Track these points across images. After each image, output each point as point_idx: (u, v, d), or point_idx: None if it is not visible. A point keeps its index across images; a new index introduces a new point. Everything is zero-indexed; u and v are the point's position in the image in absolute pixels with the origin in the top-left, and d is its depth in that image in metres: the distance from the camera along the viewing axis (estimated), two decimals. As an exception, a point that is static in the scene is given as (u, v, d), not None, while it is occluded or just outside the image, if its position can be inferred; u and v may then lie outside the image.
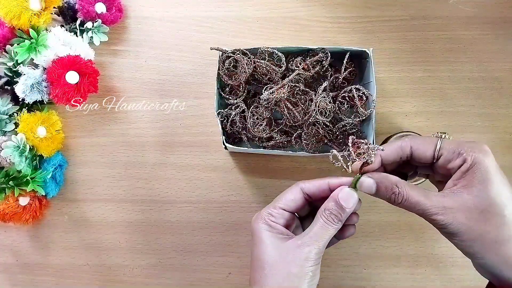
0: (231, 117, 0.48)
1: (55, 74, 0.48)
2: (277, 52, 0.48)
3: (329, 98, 0.47)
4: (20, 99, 0.49)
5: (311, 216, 0.40)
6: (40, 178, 0.49)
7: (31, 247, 0.52)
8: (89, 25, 0.52)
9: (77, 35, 0.52)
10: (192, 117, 0.53)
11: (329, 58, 0.48)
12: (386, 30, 0.55)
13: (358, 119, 0.48)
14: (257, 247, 0.36)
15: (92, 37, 0.53)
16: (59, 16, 0.53)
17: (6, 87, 0.50)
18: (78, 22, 0.52)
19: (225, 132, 0.49)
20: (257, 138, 0.49)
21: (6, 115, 0.49)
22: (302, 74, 0.47)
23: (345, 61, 0.48)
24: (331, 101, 0.48)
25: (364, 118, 0.48)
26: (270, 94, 0.46)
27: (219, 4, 0.55)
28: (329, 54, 0.48)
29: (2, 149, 0.47)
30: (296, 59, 0.48)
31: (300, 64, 0.48)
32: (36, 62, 0.49)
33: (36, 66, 0.50)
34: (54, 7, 0.51)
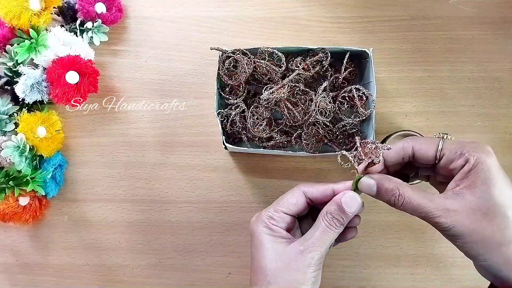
0: (231, 117, 0.48)
1: (55, 74, 0.48)
2: (277, 52, 0.48)
3: (329, 98, 0.47)
4: (20, 99, 0.49)
5: (309, 215, 0.40)
6: (40, 178, 0.49)
7: (31, 247, 0.52)
8: (89, 25, 0.52)
9: (77, 35, 0.52)
10: (192, 117, 0.53)
11: (329, 58, 0.48)
12: (386, 30, 0.55)
13: (358, 119, 0.48)
14: (258, 251, 0.36)
15: (92, 37, 0.53)
16: (59, 16, 0.53)
17: (6, 87, 0.50)
18: (78, 22, 0.52)
19: (225, 132, 0.49)
20: (257, 138, 0.49)
21: (6, 115, 0.49)
22: (302, 74, 0.47)
23: (345, 61, 0.48)
24: (331, 101, 0.48)
25: (364, 118, 0.48)
26: (270, 94, 0.46)
27: (219, 4, 0.55)
28: (329, 54, 0.48)
29: (2, 149, 0.47)
30: (296, 59, 0.48)
31: (300, 64, 0.48)
32: (36, 62, 0.49)
33: (36, 66, 0.50)
34: (54, 7, 0.51)
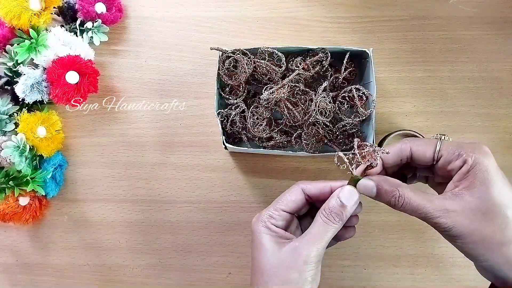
0: (231, 117, 0.48)
1: (55, 74, 0.48)
2: (277, 52, 0.48)
3: (329, 98, 0.48)
4: (20, 99, 0.49)
5: (310, 214, 0.40)
6: (40, 178, 0.49)
7: (31, 247, 0.52)
8: (89, 25, 0.52)
9: (77, 35, 0.52)
10: (192, 117, 0.53)
11: (329, 58, 0.48)
12: (386, 30, 0.55)
13: (358, 119, 0.48)
14: (257, 251, 0.36)
15: (92, 37, 0.53)
16: (59, 16, 0.53)
17: (6, 87, 0.50)
18: (78, 22, 0.52)
19: (225, 132, 0.49)
20: (257, 138, 0.49)
21: (6, 115, 0.49)
22: (302, 74, 0.47)
23: (345, 61, 0.48)
24: (331, 101, 0.48)
25: (364, 118, 0.48)
26: (270, 94, 0.46)
27: (219, 4, 0.55)
28: (329, 54, 0.48)
29: (2, 149, 0.47)
30: (296, 59, 0.48)
31: (300, 64, 0.48)
32: (36, 62, 0.49)
33: (36, 66, 0.50)
34: (54, 7, 0.51)
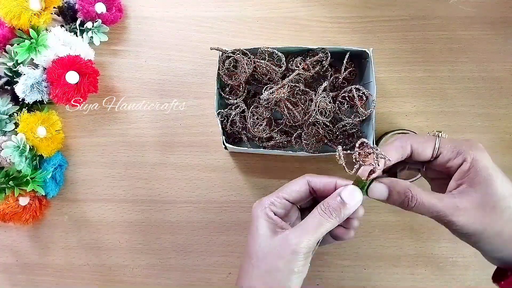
0: (231, 117, 0.48)
1: (55, 74, 0.48)
2: (277, 52, 0.48)
3: (329, 98, 0.48)
4: (20, 99, 0.49)
5: (312, 208, 0.40)
6: (40, 178, 0.49)
7: (31, 247, 0.52)
8: (89, 25, 0.52)
9: (77, 35, 0.52)
10: (192, 117, 0.53)
11: (329, 58, 0.48)
12: (386, 30, 0.55)
13: (358, 119, 0.48)
14: (251, 235, 0.36)
15: (92, 37, 0.53)
16: (59, 16, 0.53)
17: (6, 87, 0.50)
18: (78, 22, 0.52)
19: (225, 132, 0.49)
20: (257, 138, 0.49)
21: (6, 115, 0.49)
22: (302, 74, 0.47)
23: (345, 61, 0.48)
24: (331, 101, 0.48)
25: (364, 118, 0.48)
26: (270, 94, 0.46)
27: (219, 4, 0.55)
28: (329, 54, 0.48)
29: (2, 149, 0.47)
30: (296, 59, 0.48)
31: (300, 64, 0.48)
32: (36, 62, 0.49)
33: (36, 66, 0.50)
34: (54, 7, 0.51)
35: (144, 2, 0.56)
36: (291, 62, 0.48)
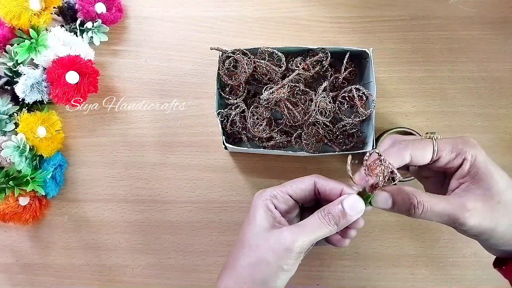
0: (231, 117, 0.48)
1: (55, 74, 0.48)
2: (277, 52, 0.48)
3: (329, 98, 0.48)
4: (20, 99, 0.49)
5: (314, 210, 0.40)
6: (40, 178, 0.49)
7: (31, 247, 0.52)
8: (89, 25, 0.52)
9: (77, 35, 0.52)
10: (192, 117, 0.53)
11: (329, 58, 0.48)
12: (386, 30, 0.55)
13: (358, 119, 0.48)
14: (247, 223, 0.36)
15: (92, 37, 0.53)
16: (59, 16, 0.53)
17: (6, 87, 0.50)
18: (78, 22, 0.52)
19: (225, 132, 0.49)
20: (257, 138, 0.49)
21: (6, 115, 0.49)
22: (302, 74, 0.47)
23: (345, 61, 0.48)
24: (331, 101, 0.48)
25: (364, 118, 0.48)
26: (270, 94, 0.46)
27: (219, 4, 0.55)
28: (329, 54, 0.48)
29: (2, 149, 0.47)
30: (296, 59, 0.48)
31: (300, 64, 0.48)
32: (36, 62, 0.49)
33: (36, 66, 0.50)
34: (54, 7, 0.51)
35: (144, 2, 0.56)
36: (291, 62, 0.48)
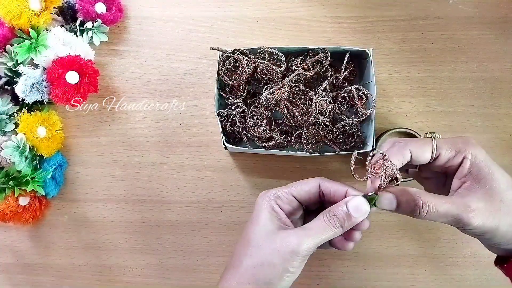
0: (231, 117, 0.48)
1: (55, 74, 0.48)
2: (277, 52, 0.48)
3: (329, 98, 0.48)
4: (20, 99, 0.49)
5: (318, 213, 0.40)
6: (40, 178, 0.49)
7: (31, 247, 0.52)
8: (89, 25, 0.52)
9: (77, 35, 0.52)
10: (192, 117, 0.53)
11: (329, 58, 0.48)
12: (386, 30, 0.55)
13: (358, 119, 0.48)
14: (251, 223, 0.36)
15: (92, 37, 0.53)
16: (59, 16, 0.53)
17: (6, 87, 0.50)
18: (78, 22, 0.52)
19: (225, 132, 0.49)
20: (257, 138, 0.49)
21: (6, 115, 0.49)
22: (302, 74, 0.47)
23: (345, 61, 0.48)
24: (331, 101, 0.48)
25: (364, 118, 0.48)
26: (270, 94, 0.46)
27: (219, 4, 0.55)
28: (329, 54, 0.48)
29: (2, 149, 0.47)
30: (296, 59, 0.48)
31: (300, 64, 0.48)
32: (36, 62, 0.49)
33: (36, 66, 0.50)
34: (54, 7, 0.51)
35: (144, 2, 0.56)
36: (291, 62, 0.48)
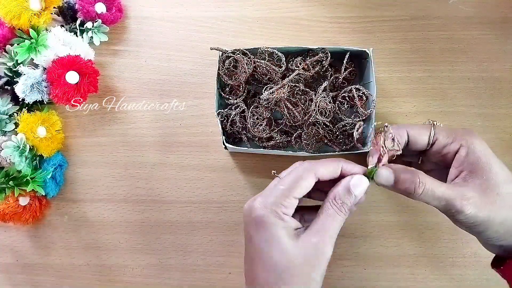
0: (231, 117, 0.48)
1: (55, 74, 0.48)
2: (277, 52, 0.48)
3: (329, 98, 0.48)
4: (20, 99, 0.49)
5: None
6: (40, 178, 0.49)
7: (31, 247, 0.52)
8: (89, 25, 0.52)
9: (77, 35, 0.52)
10: (192, 117, 0.53)
11: (329, 58, 0.48)
12: (386, 30, 0.55)
13: (358, 119, 0.48)
14: (268, 245, 0.33)
15: (92, 37, 0.53)
16: (59, 16, 0.53)
17: (6, 87, 0.50)
18: (78, 22, 0.52)
19: (225, 132, 0.49)
20: (257, 138, 0.49)
21: (6, 115, 0.49)
22: (302, 74, 0.47)
23: (345, 61, 0.48)
24: (331, 101, 0.48)
25: (364, 118, 0.48)
26: (270, 94, 0.46)
27: (219, 4, 0.55)
28: (329, 54, 0.48)
29: (2, 149, 0.47)
30: (296, 59, 0.48)
31: (300, 64, 0.48)
32: (36, 62, 0.49)
33: (36, 66, 0.50)
34: (54, 7, 0.51)
35: (144, 2, 0.56)
36: (291, 62, 0.48)
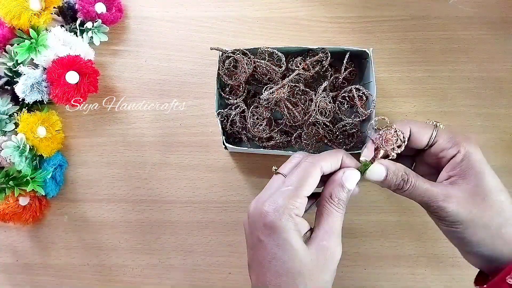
0: (231, 117, 0.48)
1: (55, 74, 0.48)
2: (277, 52, 0.48)
3: (329, 98, 0.48)
4: (20, 99, 0.49)
5: None
6: (40, 178, 0.49)
7: (31, 247, 0.52)
8: (89, 25, 0.52)
9: (77, 35, 0.52)
10: (192, 117, 0.53)
11: (329, 58, 0.48)
12: (386, 30, 0.55)
13: (358, 119, 0.48)
14: (282, 250, 0.32)
15: (92, 37, 0.53)
16: (59, 16, 0.53)
17: (6, 87, 0.50)
18: (78, 22, 0.52)
19: (225, 132, 0.49)
20: (257, 138, 0.49)
21: (6, 115, 0.49)
22: (302, 74, 0.47)
23: (345, 61, 0.48)
24: (331, 101, 0.48)
25: (364, 118, 0.48)
26: (270, 94, 0.46)
27: (219, 4, 0.55)
28: (329, 54, 0.48)
29: (2, 149, 0.47)
30: (296, 59, 0.48)
31: (300, 64, 0.48)
32: (36, 62, 0.49)
33: (36, 66, 0.50)
34: (54, 7, 0.51)
35: (144, 2, 0.56)
36: (291, 62, 0.48)
